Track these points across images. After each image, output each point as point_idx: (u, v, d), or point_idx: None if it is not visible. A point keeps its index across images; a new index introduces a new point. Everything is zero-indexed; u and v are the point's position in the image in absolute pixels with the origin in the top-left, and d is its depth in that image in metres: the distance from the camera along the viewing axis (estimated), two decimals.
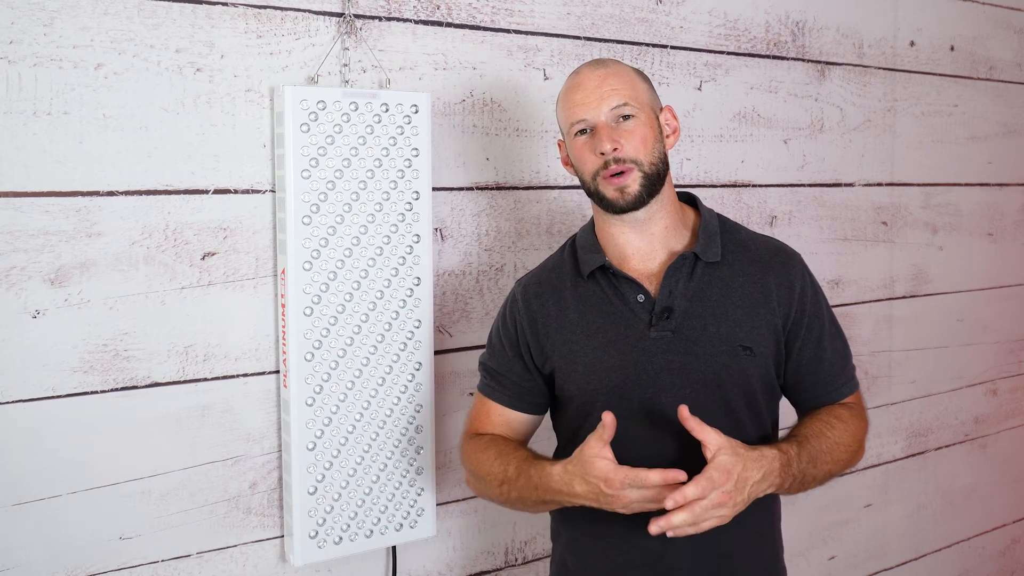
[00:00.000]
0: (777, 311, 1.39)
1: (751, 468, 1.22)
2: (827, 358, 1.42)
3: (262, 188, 1.54)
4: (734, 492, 1.20)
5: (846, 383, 1.45)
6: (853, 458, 1.41)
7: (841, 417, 1.40)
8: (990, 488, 2.77)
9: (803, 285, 1.41)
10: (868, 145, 2.36)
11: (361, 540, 1.61)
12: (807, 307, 1.41)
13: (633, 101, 1.36)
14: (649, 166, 1.35)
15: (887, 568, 2.53)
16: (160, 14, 1.44)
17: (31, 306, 1.37)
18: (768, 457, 1.25)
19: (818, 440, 1.35)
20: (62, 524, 1.42)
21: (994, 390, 2.74)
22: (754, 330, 1.37)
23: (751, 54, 2.12)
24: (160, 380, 1.48)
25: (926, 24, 2.44)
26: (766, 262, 1.42)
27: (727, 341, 1.35)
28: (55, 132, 1.37)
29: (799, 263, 1.44)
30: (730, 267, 1.40)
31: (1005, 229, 2.71)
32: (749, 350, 1.36)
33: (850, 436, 1.39)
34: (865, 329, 2.39)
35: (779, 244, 1.47)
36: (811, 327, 1.41)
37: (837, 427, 1.38)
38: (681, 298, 1.37)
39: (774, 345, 1.39)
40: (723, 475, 1.19)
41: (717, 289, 1.38)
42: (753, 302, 1.38)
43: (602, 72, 1.38)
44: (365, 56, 1.62)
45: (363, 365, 1.59)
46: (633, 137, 1.35)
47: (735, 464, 1.21)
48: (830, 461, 1.36)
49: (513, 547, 1.88)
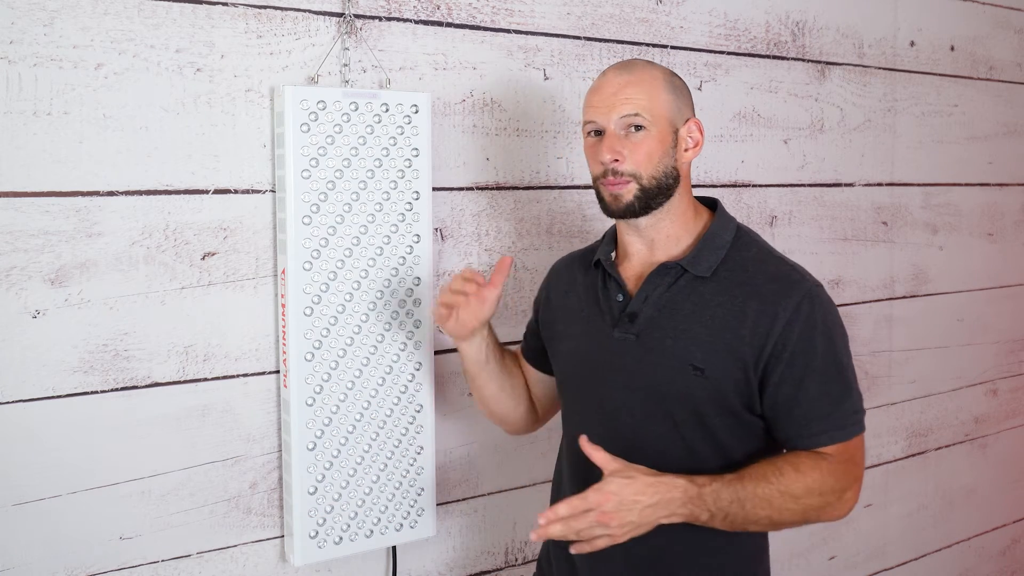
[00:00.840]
0: (748, 339, 1.31)
1: (644, 492, 1.23)
2: (806, 400, 1.31)
3: (262, 188, 1.54)
4: (617, 513, 1.22)
5: (825, 432, 1.32)
6: (819, 511, 1.31)
7: (799, 466, 1.29)
8: (990, 488, 2.77)
9: (792, 318, 1.31)
10: (868, 145, 2.36)
11: (361, 540, 1.61)
12: (791, 342, 1.30)
13: (646, 112, 1.34)
14: (649, 180, 1.34)
15: (887, 568, 2.54)
16: (160, 14, 1.44)
17: (31, 306, 1.37)
18: (667, 484, 1.25)
19: (755, 484, 1.27)
20: (62, 524, 1.42)
21: (994, 390, 2.74)
22: (713, 353, 1.32)
23: (751, 54, 2.12)
24: (160, 380, 1.48)
25: (926, 24, 2.45)
26: (756, 287, 1.34)
27: (679, 358, 1.33)
28: (55, 132, 1.37)
29: (800, 295, 1.32)
30: (717, 284, 1.35)
31: (1005, 229, 2.71)
32: (700, 371, 1.32)
33: (803, 487, 1.28)
34: (865, 329, 2.39)
35: (787, 272, 1.36)
36: (792, 364, 1.30)
37: (787, 475, 1.28)
38: (651, 306, 1.37)
39: (738, 372, 1.32)
40: (602, 496, 1.22)
41: (691, 304, 1.35)
42: (722, 325, 1.32)
43: (624, 78, 1.36)
44: (365, 56, 1.62)
45: (363, 365, 1.59)
46: (638, 150, 1.34)
47: (622, 487, 1.23)
48: (769, 508, 1.27)
49: (513, 547, 1.88)
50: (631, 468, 1.26)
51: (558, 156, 1.85)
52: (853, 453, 1.33)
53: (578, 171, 1.88)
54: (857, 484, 1.34)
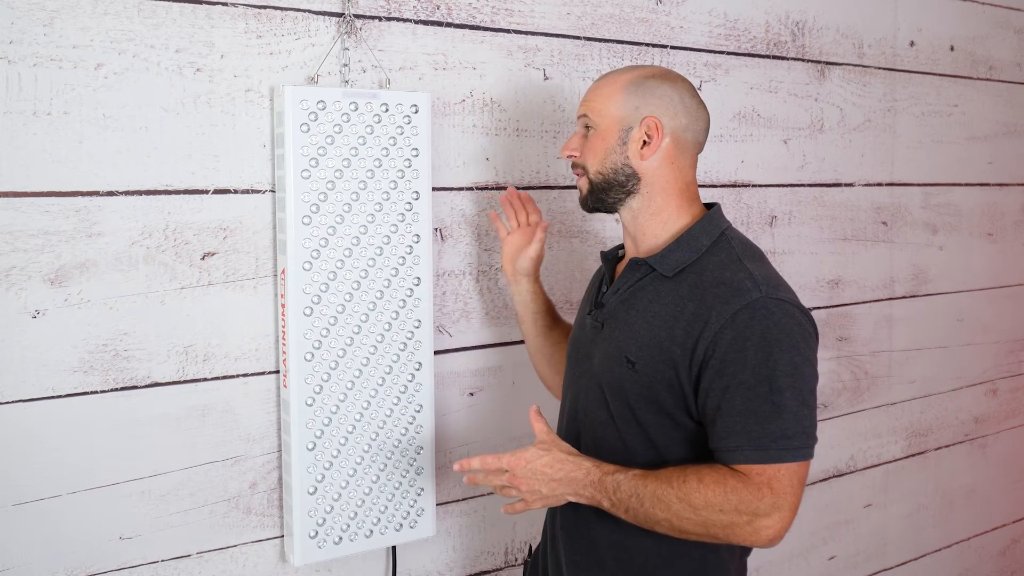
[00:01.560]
0: (677, 338, 1.31)
1: (552, 466, 1.33)
2: (729, 413, 1.27)
3: (262, 188, 1.54)
4: (525, 479, 1.33)
5: (739, 448, 1.26)
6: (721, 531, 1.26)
7: (704, 478, 1.26)
8: (990, 488, 2.77)
9: (725, 326, 1.28)
10: (868, 145, 2.36)
11: (361, 540, 1.61)
12: (720, 350, 1.28)
13: (594, 114, 1.43)
14: (594, 174, 1.43)
15: (887, 568, 2.54)
16: (160, 14, 1.44)
17: (31, 306, 1.37)
18: (575, 464, 1.33)
19: (656, 484, 1.27)
20: (62, 524, 1.42)
21: (994, 390, 2.74)
22: (645, 348, 1.35)
23: (751, 54, 2.12)
24: (160, 380, 1.48)
25: (926, 24, 2.45)
26: (701, 290, 1.33)
27: (619, 349, 1.39)
28: (55, 132, 1.37)
29: (742, 306, 1.28)
30: (675, 285, 1.36)
31: (1005, 229, 2.71)
32: (632, 364, 1.36)
33: (702, 499, 1.24)
34: (865, 329, 2.39)
35: (740, 280, 1.31)
36: (721, 373, 1.27)
37: (690, 483, 1.26)
38: (617, 299, 1.44)
39: (668, 371, 1.32)
40: (515, 460, 1.33)
41: (645, 300, 1.39)
42: (660, 322, 1.34)
43: (595, 85, 1.46)
44: (365, 56, 1.62)
45: (363, 365, 1.59)
46: (585, 147, 1.45)
47: (537, 456, 1.33)
48: (668, 512, 1.26)
49: (513, 547, 1.88)
50: (555, 443, 1.35)
51: (558, 156, 1.85)
52: (774, 479, 1.25)
53: None
54: (778, 513, 1.24)
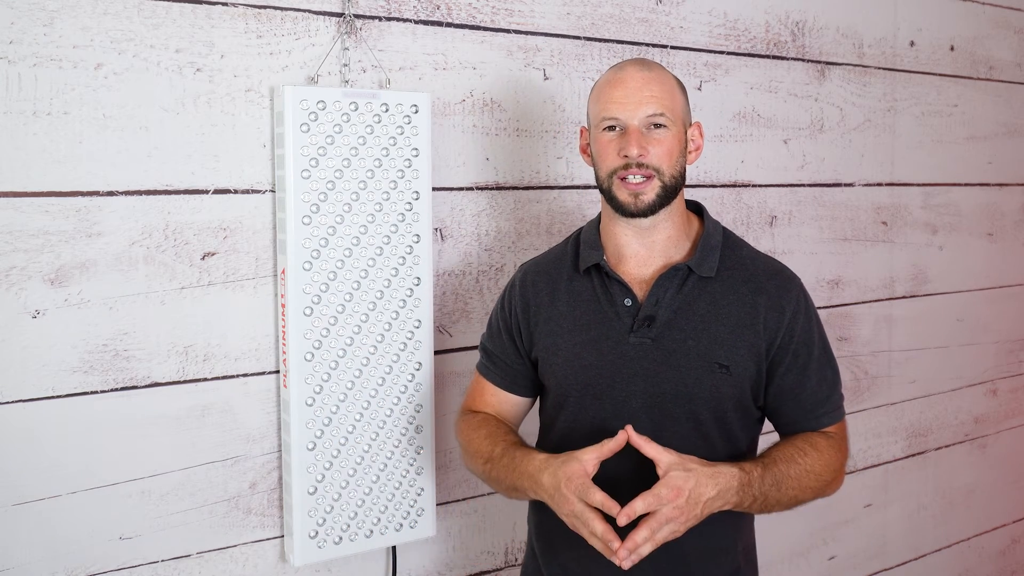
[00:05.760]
0: (762, 334, 1.38)
1: (705, 484, 1.24)
2: (810, 386, 1.40)
3: (262, 188, 1.54)
4: (686, 508, 1.23)
5: (827, 413, 1.42)
6: (826, 487, 1.40)
7: (817, 445, 1.38)
8: (990, 488, 2.77)
9: (795, 311, 1.39)
10: (868, 145, 2.36)
11: (361, 540, 1.61)
12: (796, 333, 1.39)
13: (669, 112, 1.36)
14: (670, 178, 1.36)
15: (887, 568, 2.53)
16: (160, 14, 1.44)
17: (31, 306, 1.37)
18: (725, 475, 1.27)
19: (787, 465, 1.34)
20: (62, 524, 1.42)
21: (994, 390, 2.74)
22: (734, 350, 1.37)
23: (751, 54, 2.12)
24: (160, 380, 1.48)
25: (926, 24, 2.44)
26: (760, 283, 1.40)
27: (704, 357, 1.36)
28: (55, 132, 1.37)
29: (796, 289, 1.42)
30: (723, 283, 1.40)
31: (1005, 229, 2.71)
32: (726, 369, 1.36)
33: (823, 465, 1.37)
34: (865, 329, 2.39)
35: (779, 267, 1.45)
36: (797, 354, 1.39)
37: (810, 455, 1.36)
38: (666, 309, 1.38)
39: (754, 367, 1.38)
40: (672, 492, 1.22)
41: (704, 304, 1.38)
42: (739, 322, 1.37)
43: (646, 75, 1.36)
44: (365, 56, 1.62)
45: (363, 365, 1.59)
46: (661, 147, 1.35)
47: (686, 480, 1.23)
48: (797, 487, 1.34)
49: (513, 547, 1.88)
50: (686, 459, 1.26)
51: (558, 156, 1.85)
52: (843, 432, 1.45)
53: (578, 171, 1.88)
54: (847, 460, 1.45)
